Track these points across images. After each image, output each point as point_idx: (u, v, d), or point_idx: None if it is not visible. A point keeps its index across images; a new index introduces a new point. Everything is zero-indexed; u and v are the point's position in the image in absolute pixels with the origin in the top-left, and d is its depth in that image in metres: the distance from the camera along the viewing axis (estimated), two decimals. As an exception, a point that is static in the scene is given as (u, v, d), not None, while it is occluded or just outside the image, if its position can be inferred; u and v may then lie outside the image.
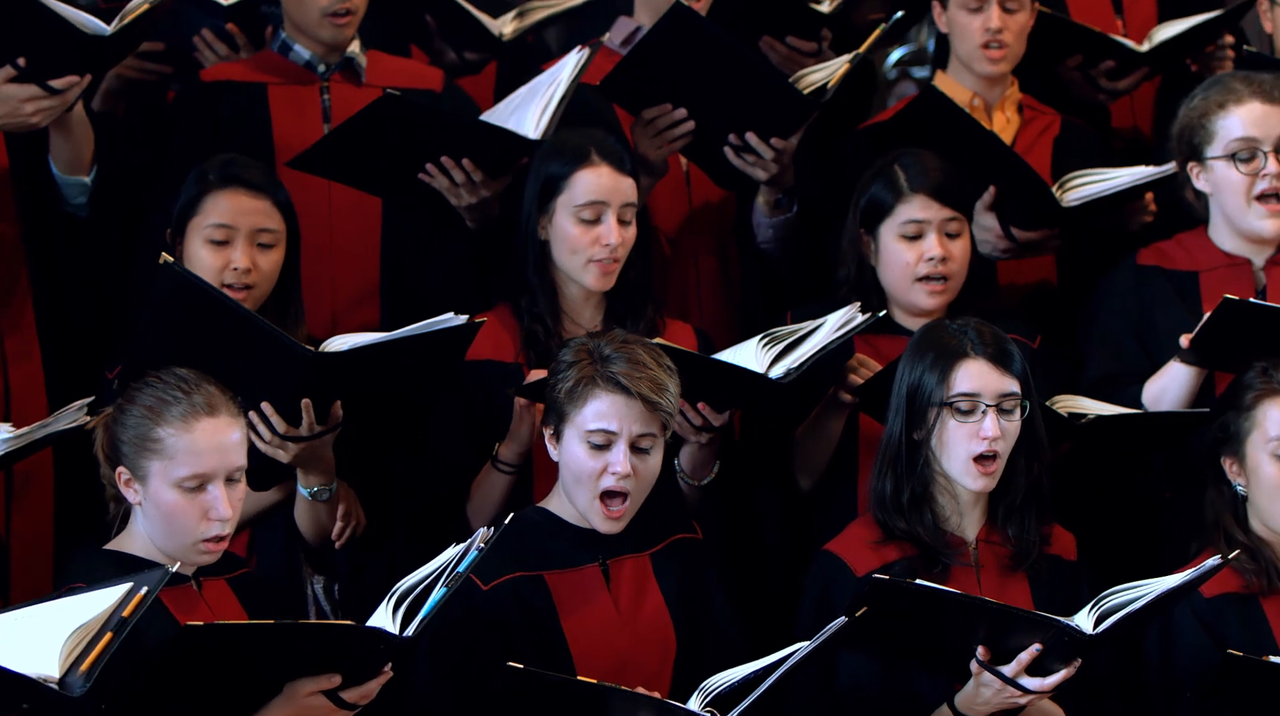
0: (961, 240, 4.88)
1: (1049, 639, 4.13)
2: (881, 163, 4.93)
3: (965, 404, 4.40)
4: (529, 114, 4.83)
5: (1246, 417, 4.56)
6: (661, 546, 4.40)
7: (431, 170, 4.87)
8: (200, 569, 4.08)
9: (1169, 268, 5.06)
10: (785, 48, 5.48)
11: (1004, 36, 5.36)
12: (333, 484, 4.48)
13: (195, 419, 3.99)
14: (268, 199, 4.67)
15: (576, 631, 4.27)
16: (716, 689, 4.04)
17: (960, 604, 4.12)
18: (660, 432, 4.29)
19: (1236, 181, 4.96)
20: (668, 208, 5.31)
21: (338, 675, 3.83)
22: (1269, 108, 4.96)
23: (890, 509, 4.44)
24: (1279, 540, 4.58)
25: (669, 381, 4.28)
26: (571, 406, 4.26)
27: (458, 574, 3.87)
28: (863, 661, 4.34)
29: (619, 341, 4.31)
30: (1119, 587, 4.20)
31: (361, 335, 4.38)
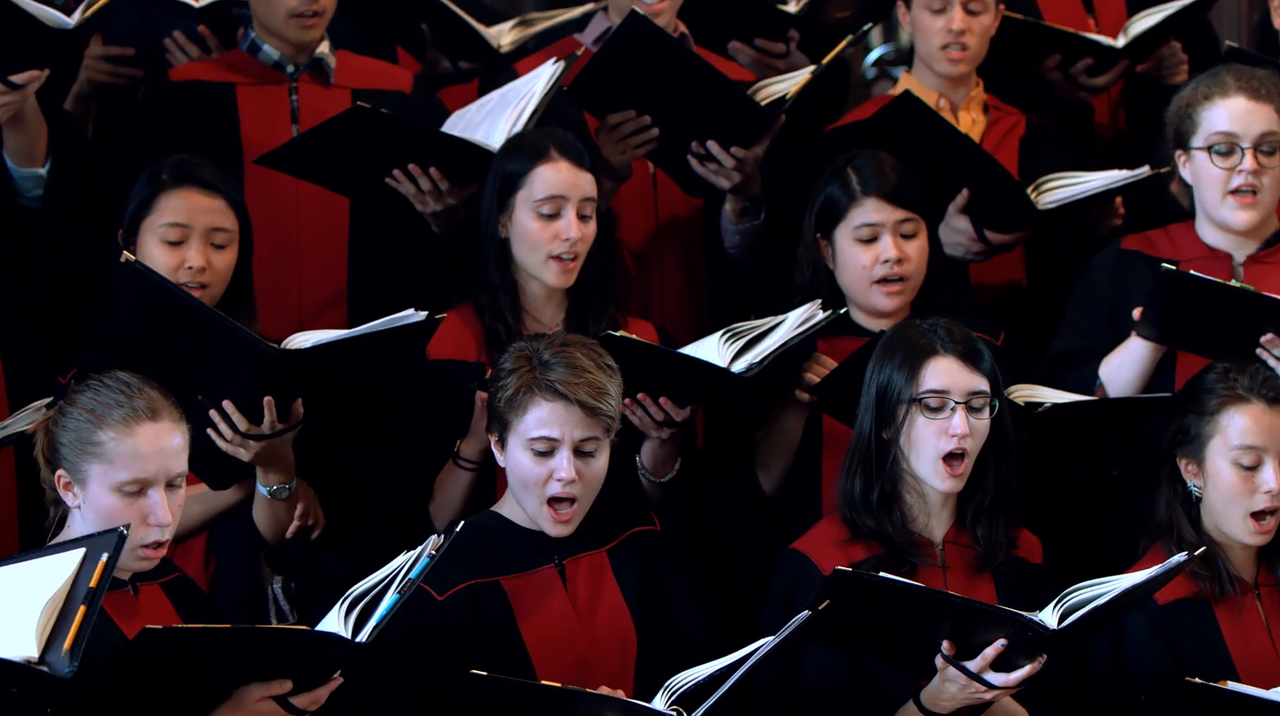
0: (917, 240, 4.87)
1: (1013, 634, 4.11)
2: (835, 166, 4.92)
3: (934, 401, 4.39)
4: (499, 125, 4.86)
5: (1209, 422, 4.53)
6: (618, 541, 4.39)
7: (398, 176, 4.88)
8: (136, 573, 4.04)
9: (1151, 254, 5.04)
10: (753, 50, 5.48)
11: (966, 39, 5.36)
12: (292, 482, 4.47)
13: (137, 423, 3.95)
14: (222, 198, 4.67)
15: (535, 635, 4.26)
16: (681, 687, 4.01)
17: (924, 597, 4.11)
18: (604, 435, 4.28)
19: (1213, 174, 4.95)
20: (635, 217, 5.32)
21: (288, 680, 3.81)
22: (1254, 104, 4.93)
23: (859, 507, 4.43)
24: (1230, 543, 4.56)
25: (609, 383, 4.28)
26: (513, 414, 4.26)
27: (410, 580, 3.86)
28: (830, 657, 4.33)
29: (557, 345, 4.31)
30: (1083, 584, 4.18)
31: (323, 332, 4.38)
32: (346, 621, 3.81)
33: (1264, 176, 4.93)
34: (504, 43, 5.54)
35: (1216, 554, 4.53)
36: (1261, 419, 4.50)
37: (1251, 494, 4.49)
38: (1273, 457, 4.49)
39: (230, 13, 5.34)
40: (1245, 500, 4.49)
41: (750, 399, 4.71)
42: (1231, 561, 4.56)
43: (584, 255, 4.73)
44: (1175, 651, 4.46)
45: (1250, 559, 4.58)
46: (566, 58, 4.93)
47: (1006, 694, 4.19)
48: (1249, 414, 4.50)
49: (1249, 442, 4.49)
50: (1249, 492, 4.49)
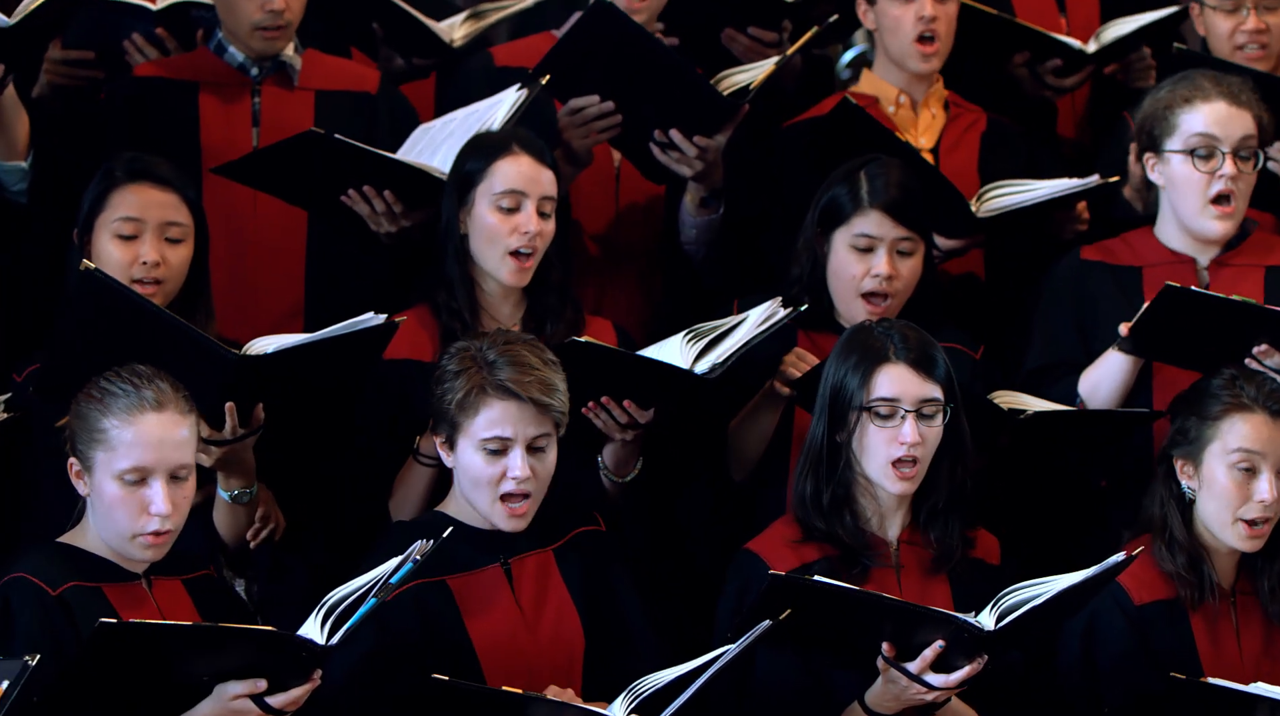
0: (913, 260, 4.86)
1: (951, 635, 4.12)
2: (851, 165, 4.91)
3: (885, 408, 4.39)
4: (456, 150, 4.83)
5: (1210, 426, 4.53)
6: (563, 541, 4.40)
7: (353, 196, 4.89)
8: (154, 567, 4.09)
9: (1112, 262, 5.05)
10: (747, 38, 5.47)
11: (936, 26, 5.34)
12: (253, 486, 4.48)
13: (140, 412, 4.02)
14: (175, 193, 4.67)
15: (481, 634, 4.26)
16: (642, 693, 4.01)
17: (859, 600, 4.13)
18: (553, 430, 4.30)
19: (1192, 178, 4.94)
20: (595, 207, 5.31)
21: (263, 680, 3.84)
22: (1234, 109, 4.94)
23: (810, 509, 4.44)
24: (1219, 547, 4.56)
25: (557, 378, 4.30)
26: (463, 416, 4.27)
27: (389, 585, 3.89)
28: (779, 658, 4.33)
29: (501, 344, 4.31)
30: (1021, 585, 4.19)
31: (283, 337, 4.40)
32: (323, 626, 3.84)
33: (1240, 182, 4.94)
34: (456, 37, 5.54)
35: (1204, 559, 4.54)
36: (1263, 429, 4.51)
37: (1245, 501, 4.50)
38: (1269, 469, 4.49)
39: (189, 15, 5.34)
40: (1237, 506, 4.50)
41: (714, 400, 4.71)
42: (1216, 566, 4.56)
43: (541, 253, 4.73)
44: (1149, 650, 4.47)
45: (1232, 566, 4.59)
46: (530, 84, 4.94)
47: (946, 695, 4.20)
48: (1251, 422, 4.51)
49: (1249, 448, 4.50)
50: (1243, 500, 4.50)
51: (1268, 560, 4.57)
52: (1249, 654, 4.54)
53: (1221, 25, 5.51)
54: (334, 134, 4.77)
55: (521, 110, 4.91)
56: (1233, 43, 5.49)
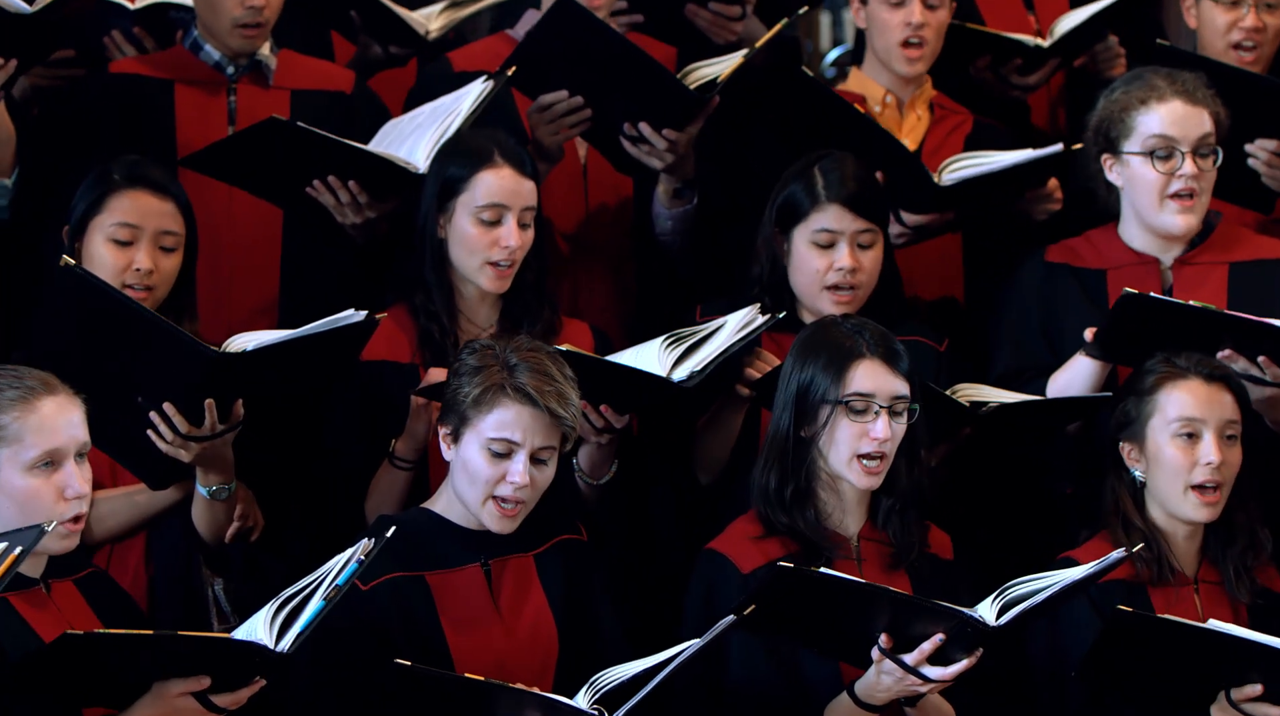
0: (874, 251, 4.89)
1: (952, 629, 4.16)
2: (802, 163, 4.93)
3: (860, 404, 4.42)
4: (422, 142, 4.86)
5: (1147, 401, 4.59)
6: (545, 547, 4.42)
7: (318, 187, 4.90)
8: (48, 570, 4.06)
9: (1077, 265, 5.07)
10: (710, 14, 5.47)
11: (924, 33, 5.36)
12: (232, 483, 4.50)
13: (35, 398, 3.97)
14: (173, 201, 4.70)
15: (456, 632, 4.28)
16: (604, 686, 4.05)
17: (865, 593, 4.15)
18: (559, 445, 4.31)
19: (1151, 179, 4.96)
20: (564, 204, 5.33)
21: (207, 677, 3.84)
22: (1190, 108, 4.95)
23: (773, 503, 4.47)
24: (1175, 528, 4.62)
25: (572, 393, 4.30)
26: (475, 412, 4.26)
27: (337, 586, 3.88)
28: (753, 654, 4.37)
29: (525, 349, 4.31)
30: (1023, 579, 4.23)
31: (263, 334, 4.41)
32: (271, 627, 3.84)
33: (1201, 180, 4.96)
34: (432, 28, 5.56)
35: (1158, 540, 4.59)
36: (1199, 393, 4.57)
37: (1192, 467, 4.55)
38: (1211, 431, 4.54)
39: (167, 15, 5.36)
40: (1186, 474, 4.55)
41: (692, 406, 4.76)
42: (1174, 552, 4.61)
43: (520, 261, 4.75)
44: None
45: (1193, 552, 4.64)
46: (495, 76, 4.95)
47: (941, 686, 4.24)
48: (1187, 388, 4.57)
49: (1188, 414, 4.55)
50: (1189, 466, 4.55)
51: (1229, 544, 4.62)
52: None
53: (1219, 19, 5.49)
54: (296, 122, 4.79)
55: (487, 101, 4.90)
56: (1228, 38, 5.47)
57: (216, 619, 4.56)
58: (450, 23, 5.57)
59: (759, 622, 4.18)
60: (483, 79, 4.96)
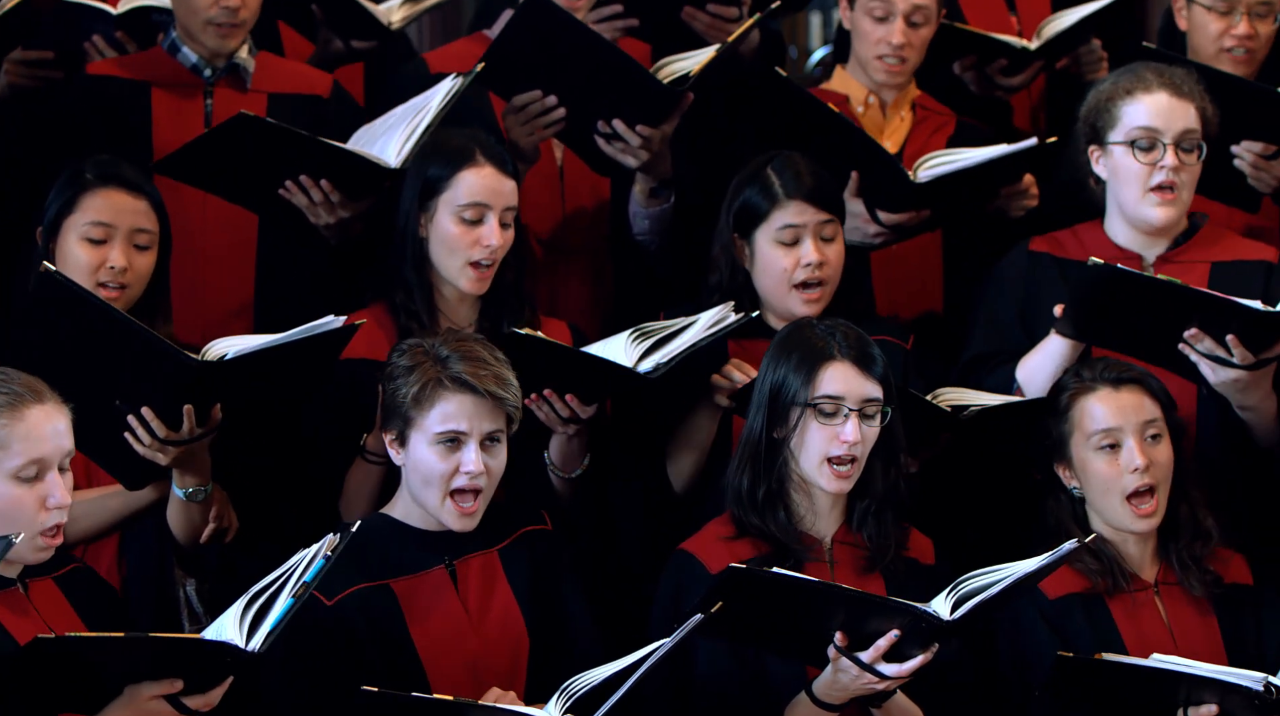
0: (836, 243, 4.90)
1: (906, 625, 4.16)
2: (752, 167, 4.93)
3: (829, 406, 4.42)
4: (394, 139, 4.86)
5: (1065, 420, 4.62)
6: (509, 541, 4.41)
7: (290, 187, 4.90)
8: (26, 569, 4.04)
9: (1059, 255, 5.08)
10: (708, 15, 5.47)
11: (905, 52, 5.37)
12: (208, 485, 4.51)
13: (24, 407, 3.95)
14: (146, 199, 4.71)
15: (426, 637, 4.27)
16: (577, 691, 4.04)
17: (817, 591, 4.15)
18: (506, 426, 4.31)
19: (1133, 169, 4.96)
20: (541, 206, 5.33)
21: (179, 680, 3.84)
22: (1176, 101, 4.95)
23: (745, 505, 4.47)
24: (1121, 537, 4.62)
25: (509, 374, 4.31)
26: (417, 410, 4.27)
27: (305, 584, 3.88)
28: (719, 652, 4.37)
29: (454, 340, 4.33)
30: (975, 573, 4.23)
31: (242, 339, 4.41)
32: (241, 625, 3.84)
33: (1183, 173, 4.95)
34: (394, 19, 5.56)
35: (1104, 546, 4.59)
36: (1110, 401, 4.58)
37: (1120, 476, 4.55)
38: (1131, 436, 4.56)
39: (149, 19, 5.36)
40: (1116, 485, 4.56)
41: (656, 399, 4.74)
42: (1128, 558, 4.62)
43: (499, 261, 4.75)
44: (1069, 643, 4.50)
45: (1147, 556, 4.64)
46: (465, 74, 4.94)
47: (898, 683, 4.23)
48: (1098, 399, 4.59)
49: (1104, 426, 4.57)
50: (1117, 476, 4.56)
51: (1173, 540, 4.63)
52: (1183, 640, 4.57)
53: (1211, 25, 5.47)
54: (265, 118, 4.80)
55: (456, 97, 4.89)
56: (1219, 44, 5.46)
57: (188, 619, 4.56)
58: (412, 15, 5.58)
59: (719, 628, 4.18)
60: (453, 76, 4.95)
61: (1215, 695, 4.28)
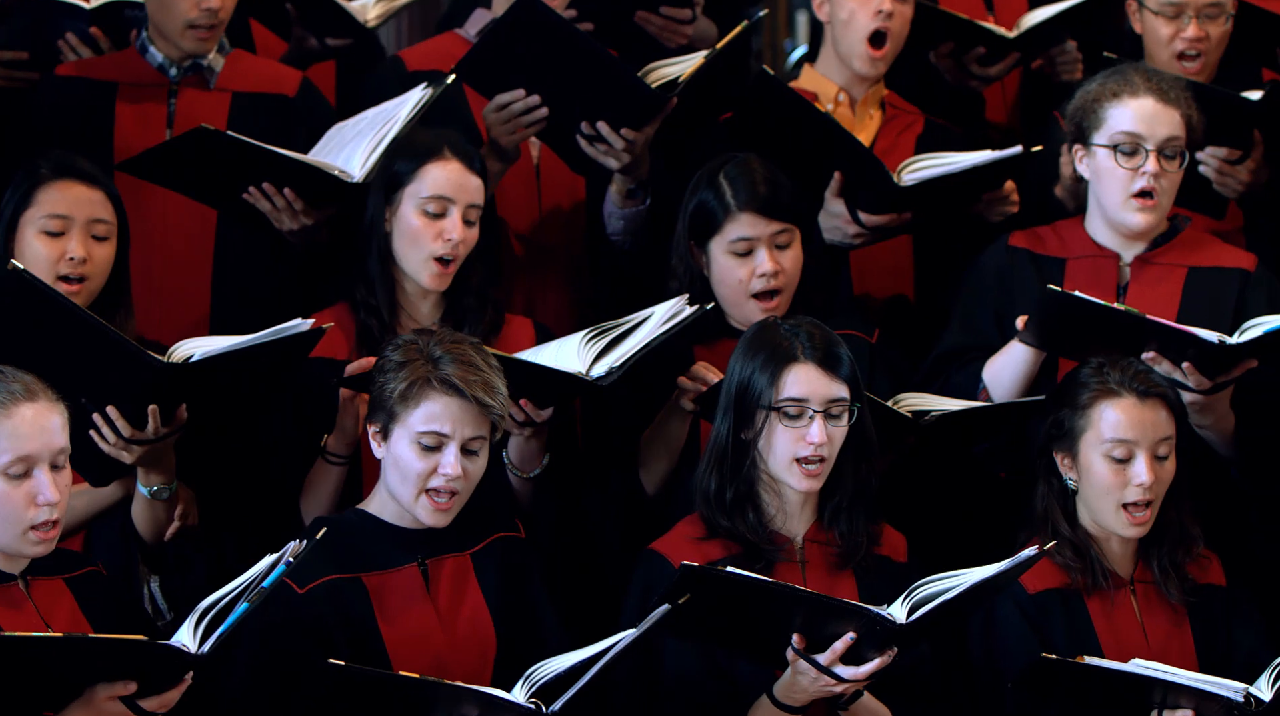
0: (792, 250, 4.88)
1: (862, 628, 4.15)
2: (706, 171, 4.91)
3: (793, 408, 4.40)
4: (360, 150, 4.87)
5: (1081, 416, 4.57)
6: (482, 545, 4.41)
7: (253, 193, 4.90)
8: (33, 567, 4.07)
9: (1038, 252, 5.07)
10: (661, 18, 5.47)
11: (892, 23, 5.34)
12: (173, 483, 4.51)
13: (15, 404, 3.99)
14: (101, 191, 4.70)
15: (394, 633, 4.27)
16: (540, 679, 4.04)
17: (771, 591, 4.14)
18: (489, 434, 4.31)
19: (1115, 173, 4.95)
20: (517, 206, 5.33)
21: (134, 682, 3.85)
22: (1161, 107, 4.94)
23: (714, 506, 4.46)
24: (1106, 536, 4.60)
25: (499, 382, 4.30)
26: (402, 407, 4.26)
27: (262, 589, 3.89)
28: (686, 651, 4.37)
29: (449, 341, 4.32)
30: (932, 577, 4.22)
31: (209, 341, 4.42)
32: (195, 631, 3.84)
33: (1163, 179, 4.94)
34: (370, 17, 5.56)
35: (1090, 545, 4.58)
36: (1132, 412, 4.54)
37: (1123, 487, 4.53)
38: (1144, 451, 4.52)
39: (123, 14, 5.37)
40: (1117, 493, 4.53)
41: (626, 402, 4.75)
42: (1107, 555, 4.60)
43: (462, 259, 4.74)
44: (1045, 639, 4.50)
45: (1128, 554, 4.62)
46: (435, 85, 4.95)
47: (856, 686, 4.23)
48: (1120, 408, 4.54)
49: (1120, 436, 4.53)
50: (1121, 486, 4.53)
51: (1157, 545, 4.61)
52: (1154, 639, 4.57)
53: (1161, 30, 5.47)
54: (225, 131, 4.79)
55: (425, 107, 4.90)
56: (1171, 49, 5.46)
57: (152, 614, 4.55)
58: (387, 12, 5.58)
59: (686, 627, 4.18)
60: (423, 86, 4.96)
61: (1191, 701, 4.27)
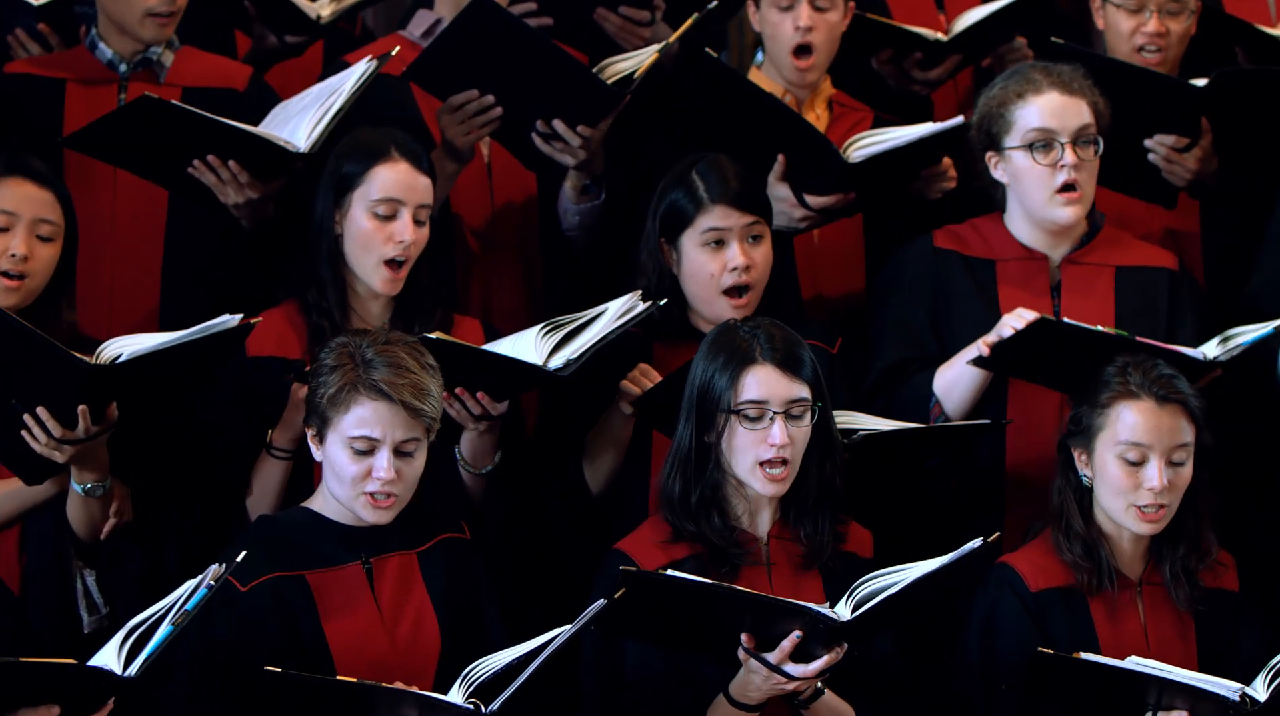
0: (763, 245, 4.88)
1: (807, 626, 4.15)
2: (677, 170, 4.91)
3: (753, 411, 4.39)
4: (305, 122, 4.85)
5: (1100, 414, 4.56)
6: (428, 545, 4.40)
7: (198, 166, 4.89)
8: None
9: (966, 254, 5.06)
10: (619, 18, 5.47)
11: (812, 36, 5.34)
12: (106, 480, 4.51)
13: None
14: (51, 192, 4.68)
15: (337, 631, 4.26)
16: (478, 678, 4.04)
17: (713, 593, 4.14)
18: (424, 435, 4.29)
19: (1035, 172, 4.95)
20: (470, 202, 5.32)
21: (56, 706, 3.84)
22: (1067, 99, 4.95)
23: (679, 510, 4.44)
24: (1119, 533, 4.59)
25: (432, 383, 4.29)
26: (334, 411, 4.26)
27: (185, 612, 3.88)
28: (650, 653, 4.36)
29: (380, 343, 4.31)
30: (876, 573, 4.23)
31: (138, 339, 4.40)
32: (120, 652, 3.83)
33: (1082, 171, 4.95)
34: (324, 14, 5.54)
35: (1100, 544, 4.58)
36: (1149, 416, 4.52)
37: (1135, 489, 4.52)
38: (1157, 456, 4.51)
39: (71, 11, 5.36)
40: (1129, 495, 4.52)
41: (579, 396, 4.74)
42: (1117, 555, 4.59)
43: (413, 260, 4.73)
44: (1046, 637, 4.49)
45: (1138, 554, 4.61)
46: (380, 56, 4.93)
47: (805, 684, 4.24)
48: (1138, 410, 4.53)
49: (1135, 439, 4.52)
50: (1133, 488, 4.52)
51: (1171, 547, 4.59)
52: (1156, 642, 4.56)
53: (1123, 24, 5.48)
54: (169, 100, 4.78)
55: (369, 80, 4.88)
56: (1132, 43, 5.46)
57: (86, 610, 4.57)
58: (340, 9, 5.56)
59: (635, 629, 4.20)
60: (367, 59, 4.94)
61: (1187, 701, 4.27)
